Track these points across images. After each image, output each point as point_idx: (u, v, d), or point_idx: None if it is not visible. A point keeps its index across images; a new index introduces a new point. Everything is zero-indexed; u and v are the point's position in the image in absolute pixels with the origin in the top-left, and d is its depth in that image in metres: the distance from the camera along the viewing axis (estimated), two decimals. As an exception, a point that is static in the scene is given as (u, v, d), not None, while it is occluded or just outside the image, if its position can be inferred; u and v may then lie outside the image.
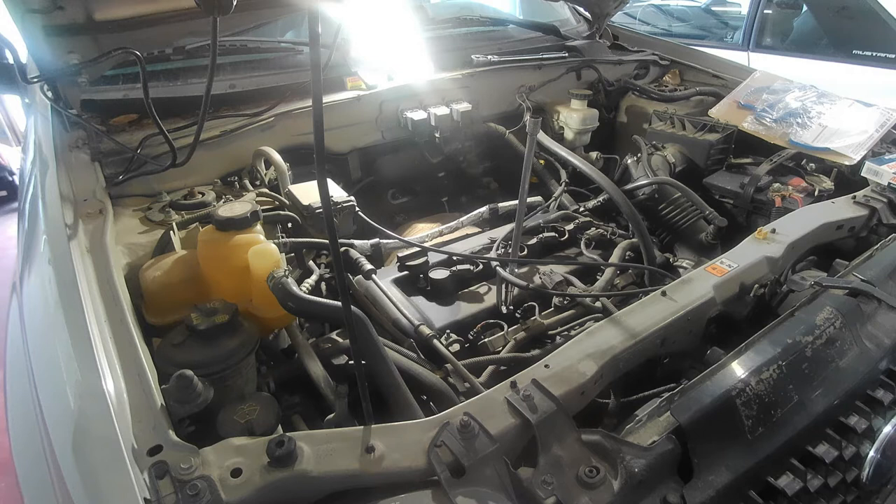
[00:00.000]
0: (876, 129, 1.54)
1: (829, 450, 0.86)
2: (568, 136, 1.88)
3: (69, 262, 0.95)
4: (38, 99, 1.60)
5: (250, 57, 1.68)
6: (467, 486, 0.66)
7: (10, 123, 4.78)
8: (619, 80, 2.06)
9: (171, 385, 0.74)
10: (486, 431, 0.71)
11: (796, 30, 4.08)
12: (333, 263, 0.77)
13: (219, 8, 0.82)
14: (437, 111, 1.71)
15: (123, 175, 1.32)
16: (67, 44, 1.47)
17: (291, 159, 1.46)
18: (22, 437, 0.84)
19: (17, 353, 0.95)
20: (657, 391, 0.97)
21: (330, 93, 1.66)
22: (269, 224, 1.21)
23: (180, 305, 0.98)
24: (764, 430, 0.82)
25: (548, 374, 0.83)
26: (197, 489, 0.61)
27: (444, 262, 1.25)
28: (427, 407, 0.90)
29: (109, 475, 0.63)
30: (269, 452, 0.65)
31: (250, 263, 0.98)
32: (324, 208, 0.62)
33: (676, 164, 1.68)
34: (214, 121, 1.47)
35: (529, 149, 1.04)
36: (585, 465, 0.69)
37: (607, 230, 1.43)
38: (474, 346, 1.08)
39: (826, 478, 0.84)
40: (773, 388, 0.85)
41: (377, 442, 0.70)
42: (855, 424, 0.88)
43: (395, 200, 1.91)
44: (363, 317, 0.87)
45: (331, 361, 1.00)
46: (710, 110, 1.81)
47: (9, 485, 2.07)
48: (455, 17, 2.07)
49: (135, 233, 1.18)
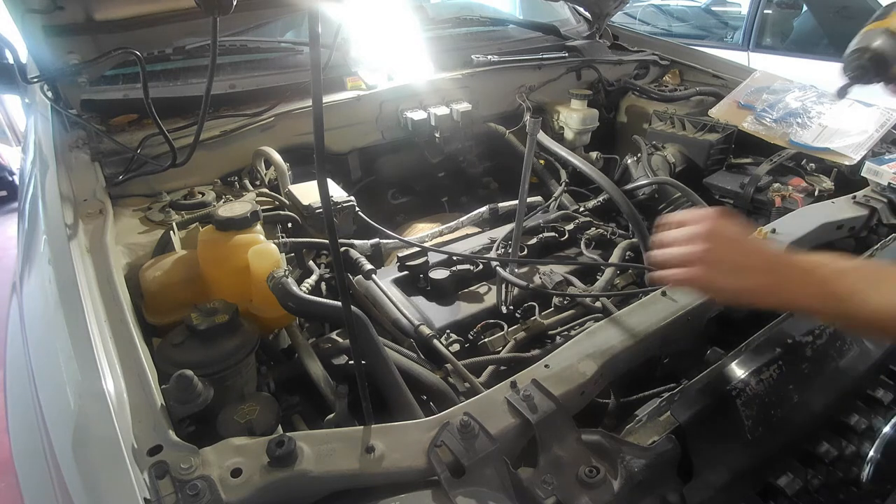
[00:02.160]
0: (876, 129, 1.54)
1: (829, 450, 0.86)
2: (568, 136, 1.88)
3: (69, 262, 0.95)
4: (38, 99, 1.60)
5: (250, 57, 1.68)
6: (467, 486, 0.66)
7: (10, 123, 4.78)
8: (619, 80, 2.06)
9: (171, 385, 0.74)
10: (486, 431, 0.71)
11: (796, 30, 4.08)
12: (333, 263, 0.77)
13: (219, 8, 0.82)
14: (437, 111, 1.71)
15: (123, 175, 1.32)
16: (67, 44, 1.47)
17: (291, 159, 1.46)
18: (22, 437, 0.84)
19: (17, 353, 0.95)
20: (657, 391, 0.97)
21: (330, 93, 1.66)
22: (269, 224, 1.21)
23: (180, 305, 0.98)
24: (764, 430, 0.82)
25: (548, 373, 0.83)
26: (197, 489, 0.61)
27: (444, 262, 1.25)
28: (427, 407, 0.90)
29: (109, 475, 0.63)
30: (269, 452, 0.65)
31: (250, 263, 0.98)
32: (324, 208, 0.62)
33: (676, 164, 1.68)
34: (214, 121, 1.47)
35: (529, 149, 1.04)
36: (585, 465, 0.69)
37: (607, 230, 1.43)
38: (474, 346, 1.08)
39: (826, 478, 0.84)
40: (773, 388, 0.85)
41: (377, 442, 0.70)
42: (855, 424, 0.89)
43: (395, 200, 1.90)
44: (363, 317, 0.87)
45: (331, 361, 1.00)
46: (710, 110, 1.80)
47: (9, 485, 2.07)
48: (455, 17, 2.07)
49: (135, 233, 1.18)
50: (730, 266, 0.78)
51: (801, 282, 0.76)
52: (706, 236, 0.80)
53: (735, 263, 0.78)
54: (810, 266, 0.77)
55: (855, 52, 1.03)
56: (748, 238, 0.83)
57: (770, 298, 0.78)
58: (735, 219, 0.82)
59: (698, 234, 0.80)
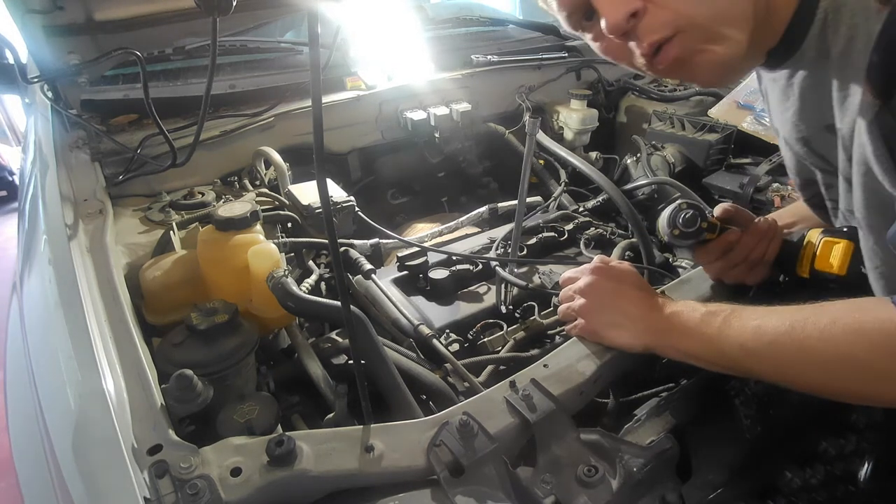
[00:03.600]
0: (875, 129, 1.54)
1: (827, 449, 0.86)
2: (567, 136, 1.88)
3: (69, 262, 0.95)
4: (38, 99, 1.60)
5: (250, 57, 1.68)
6: (466, 486, 0.66)
7: (10, 123, 4.79)
8: (618, 80, 2.06)
9: (171, 385, 0.74)
10: (485, 431, 0.71)
11: (796, 30, 4.07)
12: (333, 263, 0.77)
13: (219, 8, 0.82)
14: (437, 111, 1.71)
15: (123, 175, 1.32)
16: (67, 44, 1.47)
17: (291, 159, 1.46)
18: (22, 437, 0.84)
19: (17, 353, 0.95)
20: (656, 391, 0.97)
21: (330, 93, 1.66)
22: (269, 224, 1.21)
23: (180, 305, 0.98)
24: (762, 430, 0.82)
25: (547, 373, 0.83)
26: (197, 488, 0.61)
27: (443, 262, 1.25)
28: (426, 406, 0.90)
29: (109, 475, 0.63)
30: (268, 452, 0.65)
31: (250, 263, 0.98)
32: (324, 208, 0.62)
33: (676, 164, 1.68)
34: (214, 121, 1.47)
35: (529, 149, 1.04)
36: (584, 465, 0.69)
37: (607, 230, 1.43)
38: (473, 345, 1.08)
39: (825, 477, 0.84)
40: (772, 387, 0.85)
41: (376, 441, 0.70)
42: (854, 423, 0.89)
43: (395, 200, 1.91)
44: (363, 317, 0.88)
45: (330, 361, 1.00)
46: (710, 110, 1.80)
47: (9, 485, 2.07)
48: (455, 17, 2.08)
49: (135, 233, 1.18)
50: (607, 320, 0.83)
51: (684, 331, 0.78)
52: (582, 291, 0.86)
53: (611, 318, 0.83)
54: (687, 312, 0.78)
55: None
56: (628, 288, 0.85)
57: (658, 345, 0.81)
58: (620, 267, 0.87)
59: (577, 289, 0.87)
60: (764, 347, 0.71)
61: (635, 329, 0.82)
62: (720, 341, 0.74)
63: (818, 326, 0.67)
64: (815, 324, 0.68)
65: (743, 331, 0.73)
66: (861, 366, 0.65)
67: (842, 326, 0.66)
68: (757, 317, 0.73)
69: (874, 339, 0.64)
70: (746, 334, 0.72)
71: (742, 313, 0.75)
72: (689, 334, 0.77)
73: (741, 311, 0.75)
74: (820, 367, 0.68)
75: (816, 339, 0.67)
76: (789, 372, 0.71)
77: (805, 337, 0.68)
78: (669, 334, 0.80)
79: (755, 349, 0.71)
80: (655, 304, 0.82)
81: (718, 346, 0.74)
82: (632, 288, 0.86)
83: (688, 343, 0.78)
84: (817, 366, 0.68)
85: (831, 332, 0.66)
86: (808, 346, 0.68)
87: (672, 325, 0.79)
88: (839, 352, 0.66)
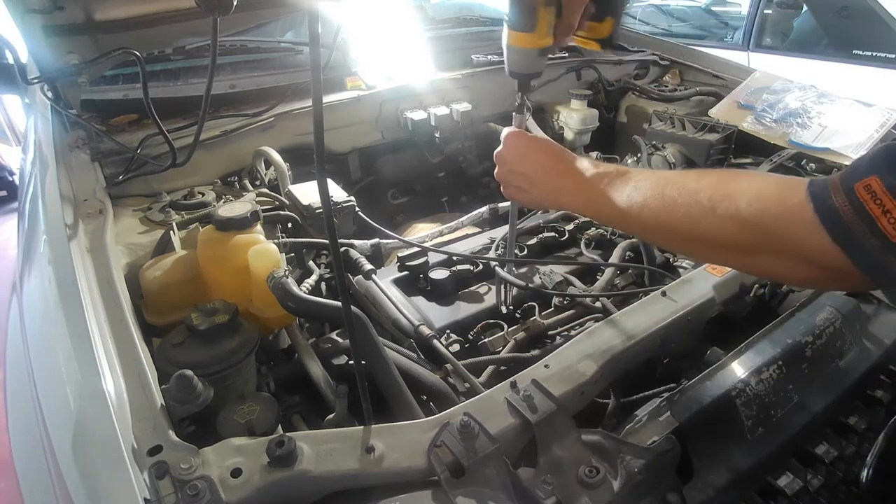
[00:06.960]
0: (876, 129, 1.54)
1: (828, 450, 0.86)
2: (568, 136, 1.88)
3: (69, 262, 0.95)
4: (38, 99, 1.60)
5: (250, 57, 1.68)
6: (467, 487, 0.66)
7: (10, 123, 4.79)
8: (619, 80, 2.06)
9: (171, 385, 0.74)
10: (485, 431, 0.71)
11: (796, 30, 4.08)
12: (333, 263, 0.77)
13: (219, 8, 0.82)
14: (437, 111, 1.71)
15: (123, 175, 1.32)
16: (67, 44, 1.47)
17: (291, 159, 1.46)
18: (22, 437, 0.84)
19: (17, 353, 0.95)
20: (657, 391, 0.96)
21: (330, 93, 1.66)
22: (269, 224, 1.21)
23: (180, 305, 0.98)
24: (764, 430, 0.82)
25: (548, 374, 0.83)
26: (197, 489, 0.61)
27: (443, 262, 1.25)
28: (427, 407, 0.90)
29: (109, 475, 0.63)
30: (269, 452, 0.65)
31: (250, 263, 0.98)
32: (324, 208, 0.62)
33: (676, 164, 1.68)
34: (214, 121, 1.47)
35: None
36: (585, 465, 0.69)
37: (607, 230, 1.43)
38: (474, 346, 1.08)
39: (826, 478, 0.84)
40: (773, 388, 0.85)
41: (377, 442, 0.70)
42: (855, 424, 0.89)
43: (395, 200, 1.90)
44: (363, 317, 0.87)
45: (331, 361, 1.00)
46: (710, 110, 1.81)
47: (9, 485, 2.07)
48: (455, 17, 2.08)
49: (135, 233, 1.18)
50: (523, 181, 0.89)
51: (573, 190, 0.82)
52: (499, 158, 0.93)
53: (519, 182, 0.90)
54: (579, 173, 0.82)
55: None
56: (539, 151, 0.89)
57: (556, 206, 0.90)
58: (530, 135, 0.93)
59: (498, 154, 0.93)
60: (637, 209, 0.72)
61: (536, 192, 0.88)
62: (603, 202, 0.77)
63: (684, 190, 0.68)
64: (682, 187, 0.68)
65: (621, 193, 0.75)
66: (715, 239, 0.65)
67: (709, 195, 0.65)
68: (637, 180, 0.75)
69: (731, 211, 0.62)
70: (623, 196, 0.75)
71: (626, 175, 0.77)
72: (578, 194, 0.81)
73: (627, 173, 0.77)
74: (677, 234, 0.70)
75: (678, 203, 0.68)
76: (655, 236, 0.81)
77: (670, 201, 0.69)
78: (561, 194, 0.84)
79: (628, 211, 0.74)
80: (555, 168, 0.86)
81: (602, 206, 0.78)
82: (537, 152, 0.89)
83: (577, 204, 0.83)
84: (675, 232, 0.69)
85: (695, 199, 0.66)
86: (670, 210, 0.69)
87: (563, 186, 0.84)
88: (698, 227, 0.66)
